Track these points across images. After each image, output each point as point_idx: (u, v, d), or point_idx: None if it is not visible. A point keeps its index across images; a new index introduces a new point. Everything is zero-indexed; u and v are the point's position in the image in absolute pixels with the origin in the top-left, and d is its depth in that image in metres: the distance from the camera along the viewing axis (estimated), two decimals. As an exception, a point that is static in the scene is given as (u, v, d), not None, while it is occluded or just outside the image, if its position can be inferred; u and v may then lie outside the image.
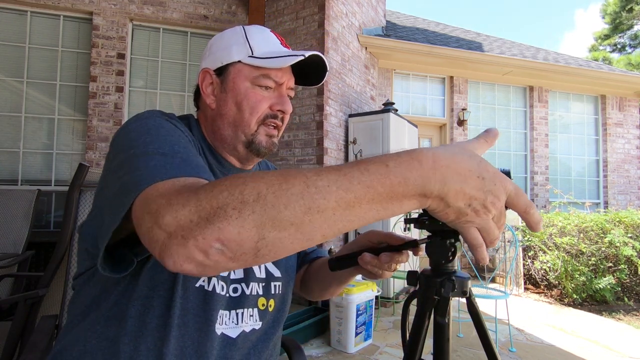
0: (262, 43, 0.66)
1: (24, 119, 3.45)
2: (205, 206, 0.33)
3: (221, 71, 0.66)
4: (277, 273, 0.71)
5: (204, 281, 0.58)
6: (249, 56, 0.64)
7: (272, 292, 0.69)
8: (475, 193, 0.35)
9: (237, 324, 0.62)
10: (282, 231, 0.32)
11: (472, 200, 0.35)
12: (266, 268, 0.70)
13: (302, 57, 0.62)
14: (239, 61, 0.65)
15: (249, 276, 0.66)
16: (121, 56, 3.60)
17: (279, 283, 0.71)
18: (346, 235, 3.69)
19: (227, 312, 0.61)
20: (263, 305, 0.67)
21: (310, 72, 0.71)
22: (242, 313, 0.63)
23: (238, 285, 0.64)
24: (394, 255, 0.54)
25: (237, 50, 0.65)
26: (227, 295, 0.62)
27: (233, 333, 0.61)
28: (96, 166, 3.43)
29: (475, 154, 0.37)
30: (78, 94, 3.59)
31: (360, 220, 0.34)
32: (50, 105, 3.53)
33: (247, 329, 0.63)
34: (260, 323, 0.66)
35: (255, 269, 0.67)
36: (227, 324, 0.61)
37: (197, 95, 0.72)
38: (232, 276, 0.63)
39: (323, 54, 0.69)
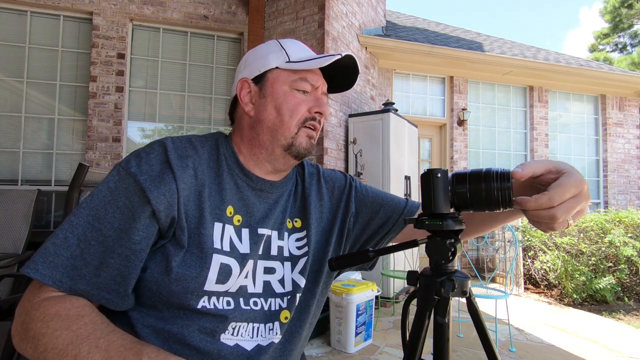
0: (297, 50, 0.68)
1: (24, 119, 3.45)
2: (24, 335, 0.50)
3: (259, 79, 0.67)
4: (302, 283, 0.69)
5: (204, 302, 0.59)
6: (287, 62, 0.66)
7: (296, 303, 0.68)
8: None
9: (252, 337, 0.62)
10: None
11: None
12: (293, 280, 0.68)
13: (339, 56, 0.63)
14: (277, 67, 0.66)
15: (267, 292, 0.65)
16: (121, 56, 3.60)
17: (302, 293, 0.69)
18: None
19: (245, 324, 0.61)
20: (286, 318, 0.66)
21: (338, 78, 0.72)
22: (259, 327, 0.63)
23: (257, 300, 0.64)
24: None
25: (274, 57, 0.67)
26: (249, 308, 0.62)
27: (248, 345, 0.61)
28: (96, 166, 3.43)
29: None
30: (78, 94, 3.59)
31: None
32: (50, 105, 3.53)
33: (264, 343, 0.63)
34: (280, 336, 0.65)
35: (277, 284, 0.66)
36: (243, 336, 0.61)
37: (233, 108, 0.73)
38: (251, 290, 0.63)
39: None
